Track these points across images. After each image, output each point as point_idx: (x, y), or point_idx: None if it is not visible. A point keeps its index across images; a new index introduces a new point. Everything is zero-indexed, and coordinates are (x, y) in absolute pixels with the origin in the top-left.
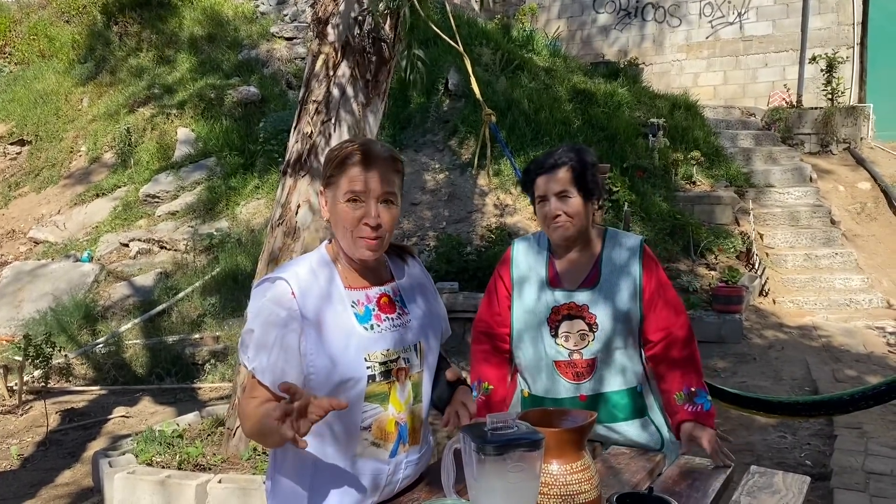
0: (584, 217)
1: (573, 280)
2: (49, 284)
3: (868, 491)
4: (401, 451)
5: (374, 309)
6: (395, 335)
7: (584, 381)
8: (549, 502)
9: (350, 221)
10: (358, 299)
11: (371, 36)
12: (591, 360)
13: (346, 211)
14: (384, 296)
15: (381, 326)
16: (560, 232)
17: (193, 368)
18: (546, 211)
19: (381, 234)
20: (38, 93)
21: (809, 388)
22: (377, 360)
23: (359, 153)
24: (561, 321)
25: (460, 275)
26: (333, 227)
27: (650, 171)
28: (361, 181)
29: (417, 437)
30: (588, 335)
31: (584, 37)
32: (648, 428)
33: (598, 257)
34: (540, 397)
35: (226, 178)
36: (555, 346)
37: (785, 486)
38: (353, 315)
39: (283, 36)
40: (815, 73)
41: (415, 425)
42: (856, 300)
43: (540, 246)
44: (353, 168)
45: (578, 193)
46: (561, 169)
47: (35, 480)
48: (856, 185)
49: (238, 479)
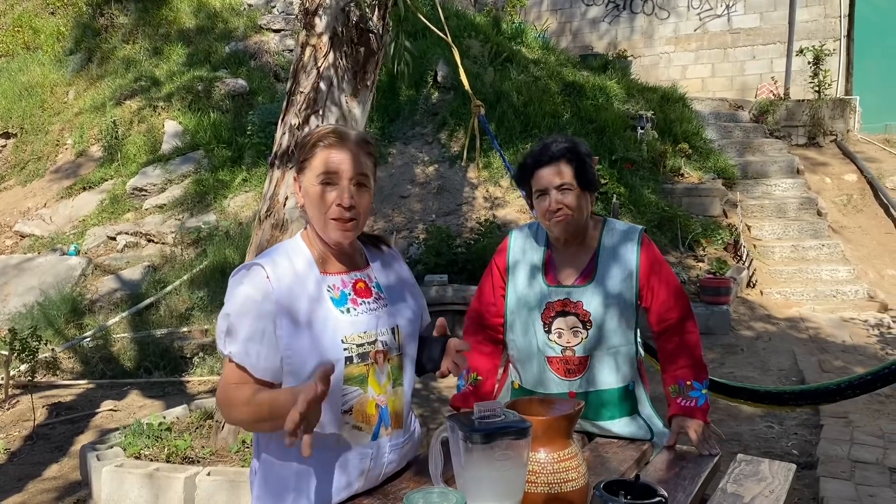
0: (584, 210)
1: (569, 275)
2: (35, 278)
3: (853, 479)
4: (383, 433)
5: (349, 293)
6: (372, 318)
7: (576, 378)
8: (537, 490)
9: (323, 203)
10: (334, 284)
11: (359, 27)
12: (583, 358)
13: (319, 193)
14: (360, 281)
15: (357, 310)
16: (562, 226)
17: (182, 362)
18: (547, 204)
19: (354, 215)
20: (23, 85)
21: (796, 379)
22: (354, 343)
23: (331, 135)
24: (555, 317)
25: (449, 267)
26: (308, 211)
27: (638, 163)
28: (334, 162)
29: (400, 421)
30: (581, 332)
31: (574, 29)
32: (637, 422)
33: (595, 251)
34: (529, 390)
35: (214, 170)
36: (547, 341)
37: (771, 473)
38: (330, 299)
39: (271, 28)
40: (802, 66)
41: (396, 408)
42: (842, 291)
43: (538, 238)
44: (325, 150)
45: (578, 186)
46: (560, 162)
47: (22, 474)
48: (842, 178)
49: (227, 471)
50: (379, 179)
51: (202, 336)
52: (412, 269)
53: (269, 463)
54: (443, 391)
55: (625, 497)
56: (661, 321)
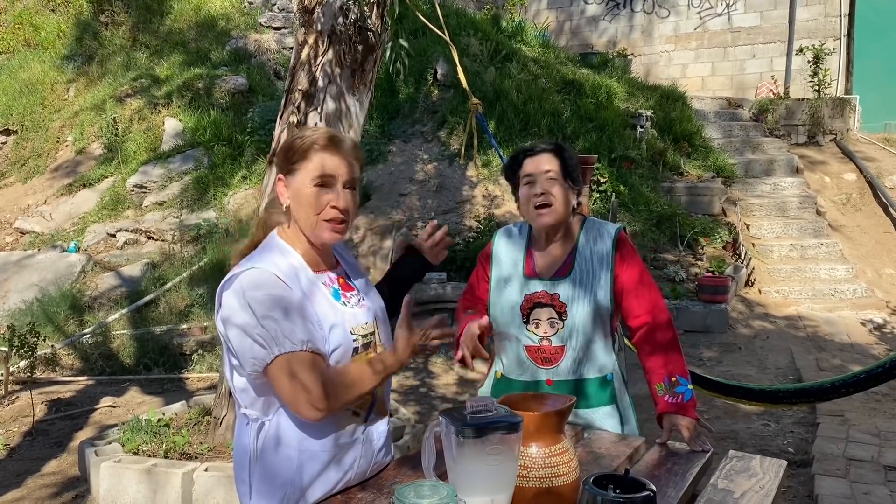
0: (567, 206)
1: (548, 270)
2: (35, 275)
3: (848, 477)
4: (373, 419)
5: (339, 289)
6: (363, 310)
7: (552, 367)
8: (528, 484)
9: (317, 205)
10: (325, 281)
11: (357, 25)
12: (559, 347)
13: (314, 195)
14: (340, 277)
15: (350, 304)
16: (544, 218)
17: (181, 359)
18: (533, 191)
19: (346, 217)
20: (23, 82)
21: (794, 377)
22: (360, 334)
23: (326, 139)
24: (532, 308)
25: (448, 265)
26: (296, 211)
27: (638, 161)
28: (330, 166)
29: (384, 408)
30: (557, 323)
31: (574, 27)
32: (614, 416)
33: (574, 246)
34: (510, 379)
35: (213, 168)
36: (525, 332)
37: (762, 469)
38: (329, 294)
39: (271, 26)
40: (802, 65)
41: (381, 395)
42: (840, 290)
43: (521, 234)
44: (321, 153)
45: (563, 180)
46: (549, 153)
47: (21, 470)
48: (842, 177)
49: (224, 467)
50: (378, 177)
51: (201, 333)
52: None
53: (266, 453)
54: (439, 388)
55: (614, 491)
56: (637, 319)
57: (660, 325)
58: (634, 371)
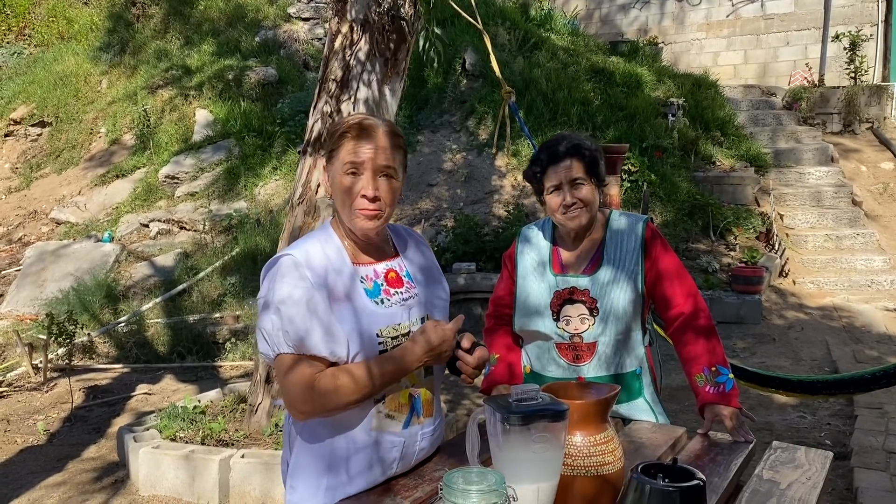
0: (596, 203)
1: (577, 265)
2: (71, 264)
3: (889, 470)
4: (414, 422)
5: (382, 284)
6: (405, 309)
7: (584, 364)
8: (574, 473)
9: (349, 193)
10: (366, 275)
11: (390, 14)
12: (591, 344)
13: (345, 183)
14: (391, 270)
15: (390, 301)
16: (576, 221)
17: (214, 347)
18: (560, 199)
19: (379, 206)
20: (57, 74)
21: (829, 369)
22: (389, 336)
23: (357, 125)
24: (562, 305)
25: (477, 255)
26: (335, 200)
27: (669, 151)
28: (359, 153)
29: (431, 410)
30: (588, 319)
31: (603, 15)
32: (646, 410)
33: (601, 241)
34: (539, 374)
35: (244, 159)
36: (556, 329)
37: (808, 460)
38: (363, 290)
39: (301, 17)
40: (837, 52)
41: (427, 397)
42: (877, 281)
43: (544, 231)
44: (352, 140)
45: (591, 181)
46: (574, 158)
47: (62, 455)
48: (878, 166)
49: (261, 454)
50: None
51: (234, 322)
52: (440, 257)
53: (304, 449)
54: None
55: (662, 480)
56: (674, 309)
57: (698, 314)
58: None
